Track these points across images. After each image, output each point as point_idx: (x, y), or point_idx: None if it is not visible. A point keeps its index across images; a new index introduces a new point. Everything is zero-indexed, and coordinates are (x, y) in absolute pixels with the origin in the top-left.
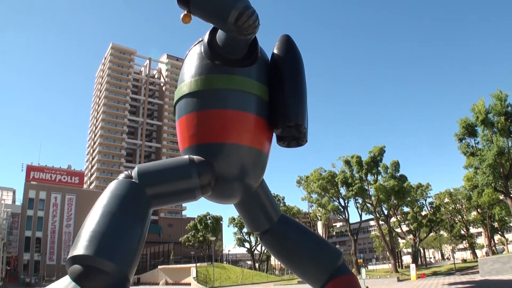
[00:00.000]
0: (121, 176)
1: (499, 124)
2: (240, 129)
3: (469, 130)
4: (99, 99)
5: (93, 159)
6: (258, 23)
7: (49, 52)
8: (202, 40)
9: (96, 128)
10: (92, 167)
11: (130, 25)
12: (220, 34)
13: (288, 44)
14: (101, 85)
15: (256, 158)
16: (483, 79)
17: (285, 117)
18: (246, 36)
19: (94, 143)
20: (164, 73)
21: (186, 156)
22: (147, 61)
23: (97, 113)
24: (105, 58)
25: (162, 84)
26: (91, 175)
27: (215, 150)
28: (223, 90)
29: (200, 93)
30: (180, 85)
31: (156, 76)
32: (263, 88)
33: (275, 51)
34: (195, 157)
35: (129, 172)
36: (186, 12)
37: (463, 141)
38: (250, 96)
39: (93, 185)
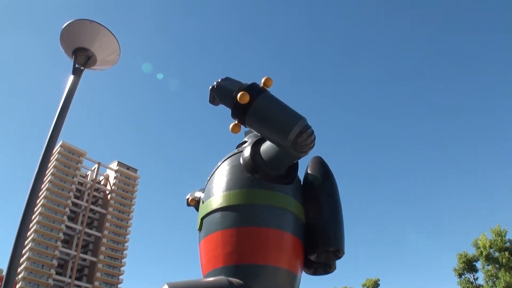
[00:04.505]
0: None
1: (503, 259)
2: (280, 250)
3: (469, 265)
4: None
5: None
6: (314, 144)
7: None
8: (237, 153)
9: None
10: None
11: (84, 125)
12: (269, 148)
13: (321, 166)
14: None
15: (292, 283)
16: (479, 213)
17: (325, 241)
18: (299, 153)
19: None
20: (112, 180)
21: (224, 278)
22: (96, 165)
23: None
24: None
25: (107, 192)
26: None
27: (255, 273)
28: (264, 206)
29: (241, 207)
30: (207, 200)
31: (102, 183)
32: (300, 207)
33: (309, 172)
34: (233, 279)
35: None
36: (237, 122)
37: (463, 276)
38: (289, 214)
39: None
